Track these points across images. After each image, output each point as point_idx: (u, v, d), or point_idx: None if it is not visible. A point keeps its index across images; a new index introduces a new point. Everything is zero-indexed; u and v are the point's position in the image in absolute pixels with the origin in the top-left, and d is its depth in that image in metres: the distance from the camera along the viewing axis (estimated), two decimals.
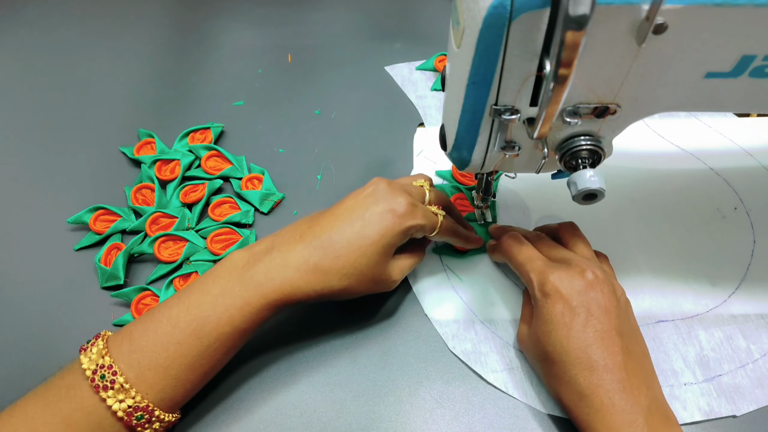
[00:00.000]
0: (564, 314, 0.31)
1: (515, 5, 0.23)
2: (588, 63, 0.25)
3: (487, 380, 0.36)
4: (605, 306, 0.31)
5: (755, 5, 0.23)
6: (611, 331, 0.31)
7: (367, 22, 0.63)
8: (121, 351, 0.30)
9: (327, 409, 0.35)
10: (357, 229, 0.32)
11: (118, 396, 0.29)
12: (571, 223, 0.38)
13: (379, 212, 0.33)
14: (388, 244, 0.33)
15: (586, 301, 0.31)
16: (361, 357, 0.37)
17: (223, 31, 0.63)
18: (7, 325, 0.39)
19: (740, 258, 0.41)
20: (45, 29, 0.63)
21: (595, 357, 0.30)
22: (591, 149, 0.30)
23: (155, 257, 0.41)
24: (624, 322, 0.32)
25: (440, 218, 0.36)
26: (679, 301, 0.39)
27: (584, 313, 0.31)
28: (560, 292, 0.32)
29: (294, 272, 0.32)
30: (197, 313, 0.31)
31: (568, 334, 0.31)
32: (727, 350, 0.37)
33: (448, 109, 0.32)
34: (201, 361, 0.31)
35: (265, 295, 0.31)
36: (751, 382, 0.35)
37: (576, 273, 0.32)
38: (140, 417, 0.29)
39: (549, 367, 0.32)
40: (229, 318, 0.31)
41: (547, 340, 0.32)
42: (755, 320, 0.38)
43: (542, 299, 0.32)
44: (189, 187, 0.46)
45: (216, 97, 0.55)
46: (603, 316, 0.31)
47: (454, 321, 0.39)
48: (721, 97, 0.29)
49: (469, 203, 0.45)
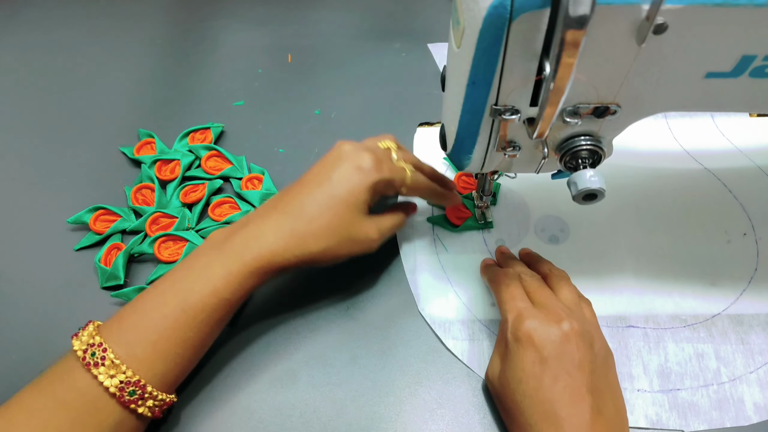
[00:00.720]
0: (535, 364, 0.30)
1: (515, 5, 0.23)
2: (588, 63, 0.25)
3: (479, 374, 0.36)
4: (579, 361, 0.30)
5: (755, 5, 0.23)
6: (581, 388, 0.29)
7: (367, 22, 0.63)
8: (111, 331, 0.31)
9: (327, 409, 0.35)
10: (326, 191, 0.34)
11: (109, 372, 0.29)
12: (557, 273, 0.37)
13: (345, 170, 0.34)
14: (358, 201, 0.34)
15: (559, 354, 0.30)
16: (361, 357, 0.37)
17: (223, 31, 0.63)
18: (7, 325, 0.40)
19: (737, 282, 0.40)
20: (45, 29, 0.63)
21: (563, 414, 0.29)
22: (591, 149, 0.30)
23: (155, 257, 0.41)
24: (599, 377, 0.31)
25: (408, 172, 0.36)
26: (657, 310, 0.39)
27: (555, 365, 0.30)
28: (533, 339, 0.30)
29: (270, 238, 0.33)
30: (181, 286, 0.32)
31: (538, 386, 0.30)
32: (693, 367, 0.36)
33: (448, 109, 0.32)
34: (188, 334, 0.31)
35: (245, 263, 0.32)
36: (710, 403, 0.35)
37: (552, 321, 0.31)
38: (132, 392, 0.29)
39: (515, 416, 0.31)
40: (213, 288, 0.32)
41: (516, 388, 0.30)
42: (734, 343, 0.37)
43: (514, 344, 0.31)
44: (189, 187, 0.46)
45: (216, 97, 0.55)
46: (575, 372, 0.30)
47: (452, 320, 0.39)
48: (721, 97, 0.29)
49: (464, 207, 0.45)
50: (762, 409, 0.35)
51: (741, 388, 0.36)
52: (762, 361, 0.37)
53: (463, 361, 0.37)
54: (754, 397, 0.35)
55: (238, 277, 0.32)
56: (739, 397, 0.35)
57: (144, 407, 0.30)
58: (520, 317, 0.32)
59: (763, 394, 0.35)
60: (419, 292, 0.40)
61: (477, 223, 0.44)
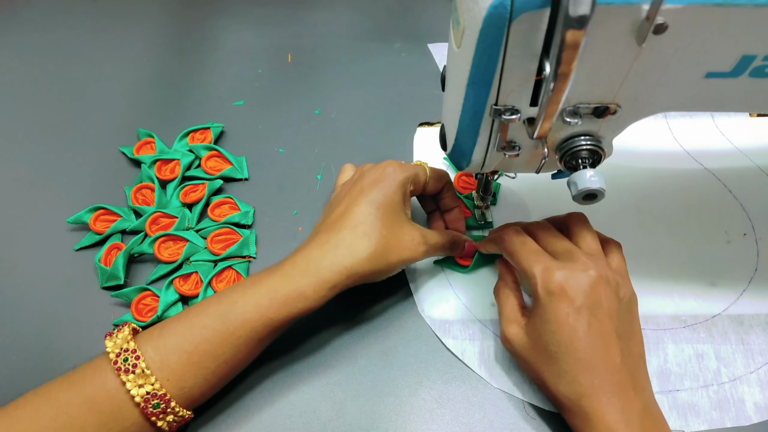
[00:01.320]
0: (569, 314, 0.31)
1: (515, 5, 0.23)
2: (588, 63, 0.25)
3: (483, 376, 0.36)
4: (608, 308, 0.31)
5: (755, 5, 0.23)
6: (612, 333, 0.31)
7: (367, 22, 0.63)
8: (151, 335, 0.31)
9: (327, 409, 0.35)
10: (362, 199, 0.35)
11: (138, 381, 0.29)
12: (579, 214, 0.37)
13: (372, 179, 0.36)
14: (393, 201, 0.35)
15: (591, 302, 0.31)
16: (361, 357, 0.37)
17: (223, 31, 0.63)
18: (8, 325, 0.40)
19: (737, 282, 0.40)
20: (45, 29, 0.63)
21: (597, 359, 0.30)
22: (591, 149, 0.30)
23: (155, 257, 0.41)
24: (624, 323, 0.32)
25: (426, 167, 0.39)
26: (657, 311, 0.39)
27: (588, 314, 0.31)
28: (565, 291, 0.31)
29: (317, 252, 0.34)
30: (225, 299, 0.32)
31: (573, 334, 0.31)
32: (693, 368, 0.36)
33: (448, 109, 0.32)
34: (224, 349, 0.31)
35: (292, 280, 0.33)
36: (710, 403, 0.35)
37: (580, 270, 0.32)
38: (156, 405, 0.30)
39: (549, 366, 0.32)
40: (256, 304, 0.32)
41: (550, 339, 0.31)
42: (734, 343, 0.37)
43: (546, 297, 0.32)
44: (189, 187, 0.46)
45: (216, 97, 0.55)
46: (605, 318, 0.31)
47: (451, 321, 0.39)
48: (721, 97, 0.29)
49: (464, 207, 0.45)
50: (762, 408, 0.35)
51: (741, 388, 0.35)
52: (762, 361, 0.37)
53: (463, 361, 0.37)
54: (754, 397, 0.35)
55: (283, 296, 0.32)
56: (740, 397, 0.35)
57: (164, 421, 0.30)
58: (548, 271, 0.32)
59: (763, 394, 0.35)
60: (419, 292, 0.40)
61: (477, 223, 0.44)
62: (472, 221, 0.44)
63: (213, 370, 0.31)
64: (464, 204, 0.45)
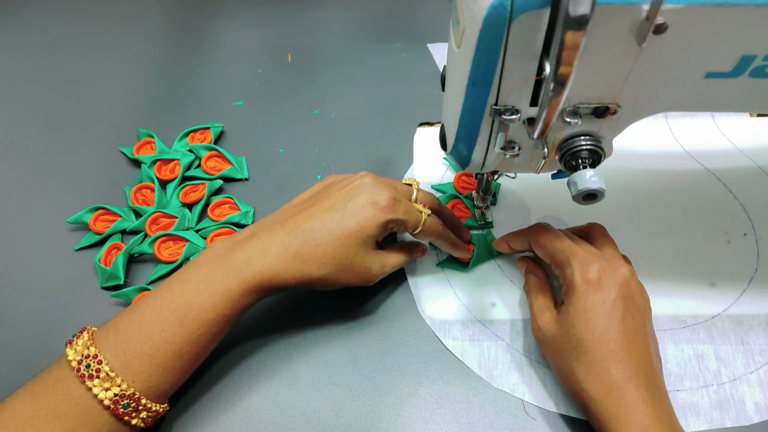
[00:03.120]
0: (605, 303, 0.31)
1: (515, 5, 0.23)
2: (588, 63, 0.25)
3: (483, 377, 0.36)
4: (639, 303, 0.32)
5: (755, 5, 0.23)
6: (643, 329, 0.31)
7: (367, 22, 0.63)
8: (107, 341, 0.30)
9: (327, 409, 0.35)
10: (337, 220, 0.33)
11: (104, 384, 0.29)
12: (599, 225, 0.38)
13: (360, 204, 0.33)
14: (367, 236, 0.33)
15: (624, 295, 0.32)
16: (361, 357, 0.37)
17: (223, 31, 0.63)
18: (7, 325, 0.40)
19: (737, 282, 0.40)
20: (45, 29, 0.63)
21: (631, 350, 0.30)
22: (591, 149, 0.30)
23: (155, 257, 0.41)
24: (650, 322, 0.33)
25: (424, 216, 0.36)
26: (657, 311, 0.38)
27: (622, 306, 0.31)
28: (603, 281, 0.32)
29: (273, 258, 0.33)
30: (180, 300, 0.31)
31: (609, 324, 0.31)
32: (693, 368, 0.36)
33: (448, 109, 0.32)
34: (186, 348, 0.31)
35: (245, 280, 0.32)
36: (710, 403, 0.35)
37: (616, 266, 0.33)
38: (127, 405, 0.29)
39: (579, 355, 0.31)
40: (212, 304, 0.31)
41: (584, 328, 0.31)
42: (734, 344, 0.37)
43: (583, 285, 0.32)
44: (189, 187, 0.46)
45: (216, 97, 0.55)
46: (637, 313, 0.32)
47: (452, 321, 0.39)
48: (721, 97, 0.29)
49: (465, 207, 0.45)
50: (763, 408, 0.35)
51: (741, 388, 0.35)
52: (762, 361, 0.37)
53: (463, 362, 0.37)
54: (754, 397, 0.35)
55: (237, 294, 0.32)
56: (740, 397, 0.35)
57: (137, 419, 0.30)
58: (587, 261, 0.33)
59: (763, 394, 0.35)
60: (419, 292, 0.40)
61: (477, 223, 0.44)
62: (472, 221, 0.44)
63: (178, 367, 0.31)
64: (464, 204, 0.45)
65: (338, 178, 0.38)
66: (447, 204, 0.44)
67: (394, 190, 0.35)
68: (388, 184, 0.35)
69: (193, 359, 0.32)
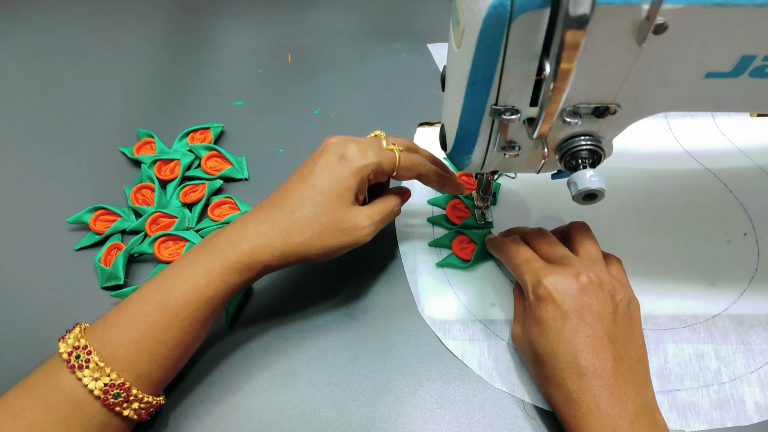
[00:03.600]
0: (555, 318, 0.31)
1: (515, 5, 0.23)
2: (588, 63, 0.25)
3: (483, 377, 0.36)
4: (598, 311, 0.31)
5: (755, 5, 0.23)
6: (602, 337, 0.31)
7: (367, 22, 0.63)
8: (95, 332, 0.30)
9: (327, 409, 0.35)
10: (308, 182, 0.33)
11: (93, 374, 0.29)
12: (582, 223, 0.38)
13: (328, 161, 0.34)
14: (342, 189, 0.33)
15: (579, 306, 0.31)
16: (361, 357, 0.37)
17: (223, 31, 0.63)
18: (7, 325, 0.40)
19: (737, 282, 0.40)
20: (45, 29, 0.63)
21: (585, 362, 0.30)
22: (591, 149, 0.30)
23: (155, 257, 0.41)
24: (620, 327, 0.32)
25: (397, 152, 0.35)
26: (657, 311, 0.39)
27: (576, 317, 0.31)
28: (552, 295, 0.31)
29: (252, 233, 0.33)
30: (162, 284, 0.32)
31: (559, 338, 0.31)
32: (693, 368, 0.36)
33: (448, 109, 0.32)
34: (170, 333, 0.31)
35: (226, 258, 0.32)
36: (710, 403, 0.35)
37: (570, 275, 0.32)
38: (117, 395, 0.29)
39: (539, 368, 0.32)
40: (194, 285, 0.31)
41: (538, 343, 0.32)
42: (735, 343, 0.37)
43: (535, 302, 0.32)
44: (189, 187, 0.46)
45: (216, 97, 0.55)
46: (595, 322, 0.31)
47: (452, 321, 0.39)
48: (721, 97, 0.29)
49: (465, 207, 0.45)
50: (763, 408, 0.35)
51: (742, 388, 0.35)
52: (763, 361, 0.37)
53: (463, 362, 0.37)
54: (755, 397, 0.35)
55: (220, 274, 0.32)
56: (740, 397, 0.35)
57: (129, 410, 0.30)
58: (537, 275, 0.33)
59: (763, 394, 0.35)
60: (419, 292, 0.40)
61: (477, 223, 0.44)
62: (471, 221, 0.44)
63: (165, 354, 0.31)
64: (464, 204, 0.45)
65: None
66: (447, 204, 0.44)
67: (360, 142, 0.35)
68: (353, 138, 0.35)
69: (180, 346, 0.32)
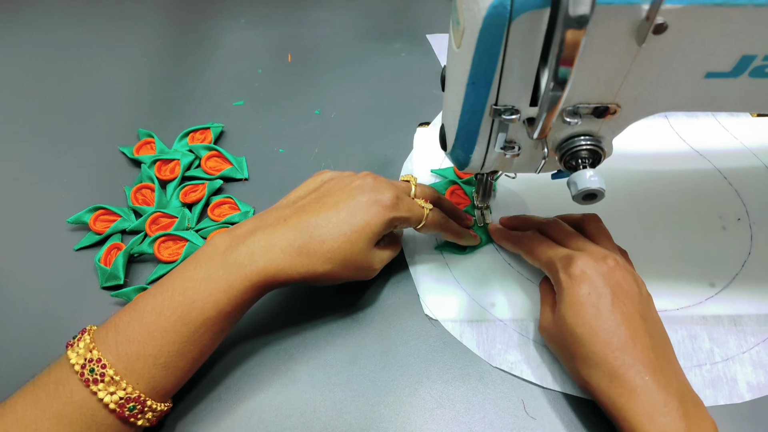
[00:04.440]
0: (591, 294, 0.32)
1: (515, 5, 0.23)
2: (588, 63, 0.25)
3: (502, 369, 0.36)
4: (629, 291, 0.32)
5: (755, 5, 0.23)
6: (635, 315, 0.31)
7: (367, 22, 0.63)
8: (108, 343, 0.30)
9: (327, 409, 0.35)
10: (343, 217, 0.34)
11: (108, 389, 0.29)
12: (594, 215, 0.39)
13: (365, 202, 0.34)
14: (373, 233, 0.34)
15: (612, 284, 0.32)
16: (361, 357, 0.37)
17: (223, 31, 0.63)
18: (7, 325, 0.39)
19: (730, 266, 0.41)
20: (45, 29, 0.63)
21: (625, 337, 0.30)
22: (591, 149, 0.30)
23: (155, 257, 0.41)
24: (647, 308, 0.33)
25: (426, 211, 0.37)
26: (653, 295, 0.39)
27: (611, 294, 0.32)
28: (587, 273, 0.32)
29: (278, 254, 0.32)
30: (181, 299, 0.31)
31: (597, 314, 0.31)
32: (687, 348, 0.37)
33: (448, 109, 0.32)
34: (189, 347, 0.31)
35: (248, 277, 0.32)
36: (703, 382, 0.36)
37: (599, 258, 0.33)
38: (132, 408, 0.29)
39: (577, 349, 0.32)
40: (214, 302, 0.31)
41: (575, 321, 0.32)
42: (726, 325, 0.38)
43: (567, 281, 0.33)
44: (189, 187, 0.46)
45: (216, 97, 0.55)
46: (627, 300, 0.32)
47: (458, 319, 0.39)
48: (721, 97, 0.29)
49: (464, 193, 0.45)
50: (755, 387, 0.35)
51: (734, 368, 0.36)
52: (754, 341, 0.37)
53: (461, 342, 0.38)
54: (746, 376, 0.36)
55: (240, 290, 0.32)
56: (732, 376, 0.36)
57: (143, 419, 0.30)
58: (568, 259, 0.34)
59: (755, 374, 0.36)
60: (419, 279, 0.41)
61: (477, 224, 0.44)
62: (470, 209, 0.44)
63: (181, 366, 0.31)
64: (463, 190, 0.45)
65: (335, 175, 0.38)
66: (446, 190, 0.45)
67: (396, 189, 0.36)
68: (390, 183, 0.36)
69: (196, 358, 0.32)
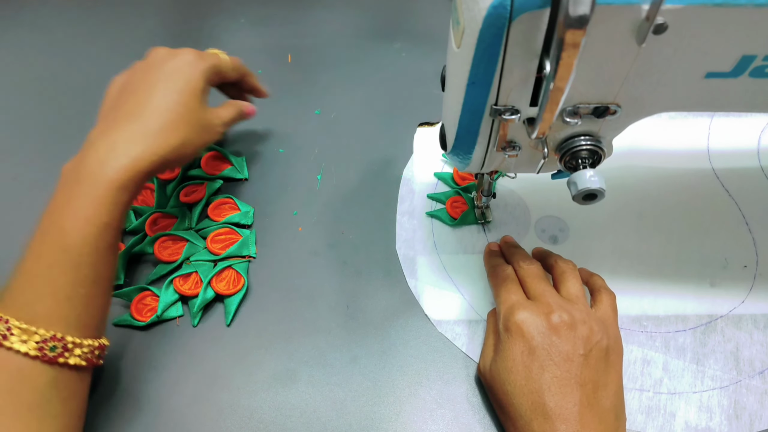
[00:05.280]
0: (524, 354, 0.31)
1: (515, 5, 0.23)
2: (588, 63, 0.25)
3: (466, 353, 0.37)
4: (566, 352, 0.30)
5: (755, 5, 0.23)
6: (570, 380, 0.30)
7: (367, 22, 0.63)
8: (4, 303, 0.30)
9: (327, 409, 0.35)
10: (168, 86, 0.35)
11: (21, 338, 0.28)
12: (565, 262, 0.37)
13: (175, 66, 0.37)
14: (197, 89, 0.37)
15: (547, 344, 0.31)
16: (361, 357, 0.37)
17: (223, 31, 0.63)
18: None
19: (712, 306, 0.39)
20: (45, 29, 0.63)
21: (551, 404, 0.29)
22: (591, 149, 0.30)
23: (155, 257, 0.41)
24: (591, 371, 0.31)
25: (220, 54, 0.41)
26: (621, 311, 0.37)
27: (543, 355, 0.30)
28: (522, 330, 0.31)
29: (126, 145, 0.33)
30: (50, 231, 0.31)
31: (527, 375, 0.30)
32: (635, 370, 0.36)
33: (448, 109, 0.32)
34: (84, 271, 0.30)
35: (108, 179, 0.31)
36: (639, 407, 0.35)
37: (542, 313, 0.32)
38: (53, 348, 0.29)
39: (506, 407, 0.32)
40: (85, 218, 0.30)
41: (506, 378, 0.31)
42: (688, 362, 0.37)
43: (504, 334, 0.32)
44: (189, 187, 0.46)
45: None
46: (563, 363, 0.30)
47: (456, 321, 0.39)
48: (721, 97, 0.29)
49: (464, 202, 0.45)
50: (692, 429, 0.34)
51: (678, 404, 0.35)
52: (712, 386, 0.36)
53: (454, 344, 0.38)
54: (688, 416, 0.35)
55: (107, 197, 0.31)
56: (672, 411, 0.35)
57: (73, 357, 0.29)
58: (511, 309, 0.32)
59: (698, 416, 0.35)
60: (420, 292, 0.40)
61: (477, 222, 0.44)
62: (472, 219, 0.44)
63: (85, 293, 0.30)
64: (463, 198, 0.45)
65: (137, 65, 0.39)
66: (447, 200, 0.45)
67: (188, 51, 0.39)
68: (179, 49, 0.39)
69: (96, 281, 0.31)
